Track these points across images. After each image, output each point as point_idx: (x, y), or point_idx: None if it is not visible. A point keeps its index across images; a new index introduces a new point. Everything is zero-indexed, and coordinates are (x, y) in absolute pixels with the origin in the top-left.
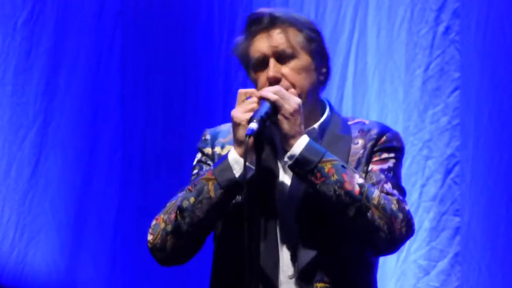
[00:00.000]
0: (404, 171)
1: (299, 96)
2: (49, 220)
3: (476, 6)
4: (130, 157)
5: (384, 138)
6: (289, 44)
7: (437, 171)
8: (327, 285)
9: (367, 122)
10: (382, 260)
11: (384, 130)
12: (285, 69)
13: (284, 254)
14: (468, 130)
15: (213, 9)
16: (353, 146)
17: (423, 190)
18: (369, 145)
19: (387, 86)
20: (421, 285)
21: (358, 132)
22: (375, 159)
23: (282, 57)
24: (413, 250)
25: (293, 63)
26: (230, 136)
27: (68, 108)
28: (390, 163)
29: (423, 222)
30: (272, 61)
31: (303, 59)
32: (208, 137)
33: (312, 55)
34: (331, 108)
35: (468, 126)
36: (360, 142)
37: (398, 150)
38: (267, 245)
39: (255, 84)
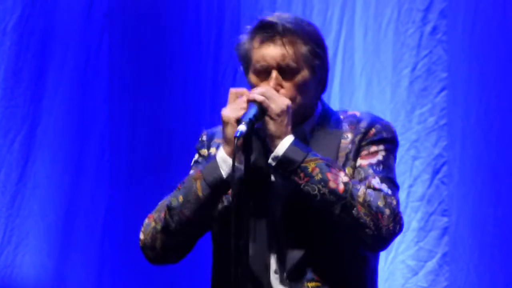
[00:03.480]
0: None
1: (294, 110)
2: (37, 222)
3: (463, 6)
4: (118, 158)
5: (373, 130)
6: (294, 58)
7: (424, 171)
8: (318, 284)
9: (358, 114)
10: None
11: (373, 121)
12: (286, 83)
13: (274, 255)
14: (456, 130)
15: (200, 10)
16: (342, 141)
17: (410, 190)
18: (357, 139)
19: (374, 87)
20: (409, 286)
21: (348, 125)
22: (363, 153)
23: (285, 71)
24: (401, 251)
25: (295, 80)
26: None
27: (56, 110)
28: (380, 155)
29: (411, 222)
30: (274, 73)
31: (305, 73)
32: (204, 138)
33: (314, 70)
34: (323, 104)
35: (455, 126)
36: (350, 136)
37: (388, 141)
38: (256, 245)
39: (251, 86)
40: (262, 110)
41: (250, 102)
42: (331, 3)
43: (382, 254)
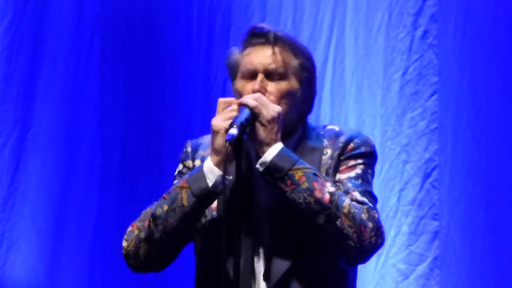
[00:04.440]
0: (382, 175)
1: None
2: (29, 226)
3: (453, 10)
4: (109, 162)
5: (351, 145)
6: (283, 65)
7: (415, 175)
8: None
9: (337, 129)
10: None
11: (351, 137)
12: (271, 87)
13: (260, 267)
14: (447, 134)
15: (191, 15)
16: (323, 157)
17: (401, 194)
18: (335, 154)
19: (365, 91)
20: None
21: (328, 141)
22: (342, 167)
23: (271, 75)
24: (392, 254)
25: (281, 84)
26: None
27: (47, 114)
28: (358, 169)
29: (401, 226)
30: (260, 76)
31: (292, 83)
32: (189, 149)
33: (301, 83)
34: (305, 121)
35: (446, 130)
36: (329, 152)
37: (367, 156)
38: (242, 257)
39: (236, 95)
40: (253, 115)
41: (241, 106)
42: (322, 7)
43: (373, 258)
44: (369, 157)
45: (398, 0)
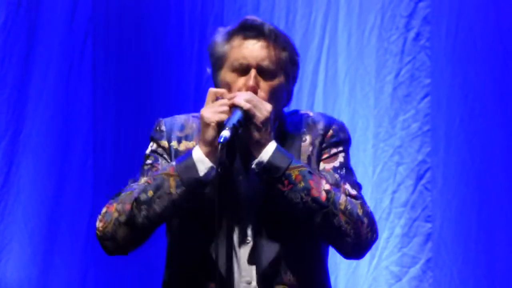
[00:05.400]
0: (375, 177)
1: None
2: (21, 228)
3: (446, 12)
4: (101, 164)
5: (330, 132)
6: (274, 61)
7: (408, 177)
8: (286, 287)
9: (311, 114)
10: (354, 266)
11: (329, 123)
12: (264, 84)
13: (242, 259)
14: (439, 136)
15: (183, 15)
16: (302, 144)
17: (394, 196)
18: (316, 141)
19: (357, 93)
20: None
21: (305, 127)
22: (325, 156)
23: (264, 72)
24: (384, 256)
25: (272, 82)
26: (187, 131)
27: (39, 116)
28: (341, 157)
29: (394, 228)
30: (253, 72)
31: (281, 79)
32: (163, 128)
33: (287, 77)
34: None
35: (439, 132)
36: (308, 138)
37: (345, 142)
38: (224, 249)
39: (223, 86)
40: (246, 116)
41: (234, 107)
42: (315, 9)
43: (366, 260)
44: (347, 143)
45: (390, 2)
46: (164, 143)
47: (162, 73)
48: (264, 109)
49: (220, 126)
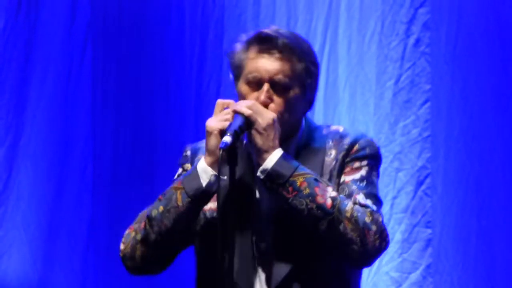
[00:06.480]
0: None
1: (281, 126)
2: (21, 234)
3: (446, 18)
4: (100, 169)
5: (356, 147)
6: (288, 74)
7: (408, 183)
8: None
9: (341, 129)
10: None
11: (356, 138)
12: (277, 98)
13: (260, 272)
14: (439, 142)
15: (184, 22)
16: (326, 159)
17: (394, 202)
18: (340, 156)
19: (358, 99)
20: None
21: (332, 142)
22: (347, 169)
23: (276, 86)
24: (385, 262)
25: (286, 95)
26: None
27: (39, 121)
28: (363, 171)
29: (394, 234)
30: (266, 86)
31: (296, 91)
32: (188, 153)
33: (305, 89)
34: (306, 119)
35: (439, 138)
36: (333, 153)
37: (371, 157)
38: (242, 261)
39: (239, 95)
40: (248, 123)
41: (236, 113)
42: (315, 16)
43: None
44: (374, 159)
45: (390, 9)
46: (188, 166)
47: (162, 79)
48: (266, 115)
49: (223, 134)
